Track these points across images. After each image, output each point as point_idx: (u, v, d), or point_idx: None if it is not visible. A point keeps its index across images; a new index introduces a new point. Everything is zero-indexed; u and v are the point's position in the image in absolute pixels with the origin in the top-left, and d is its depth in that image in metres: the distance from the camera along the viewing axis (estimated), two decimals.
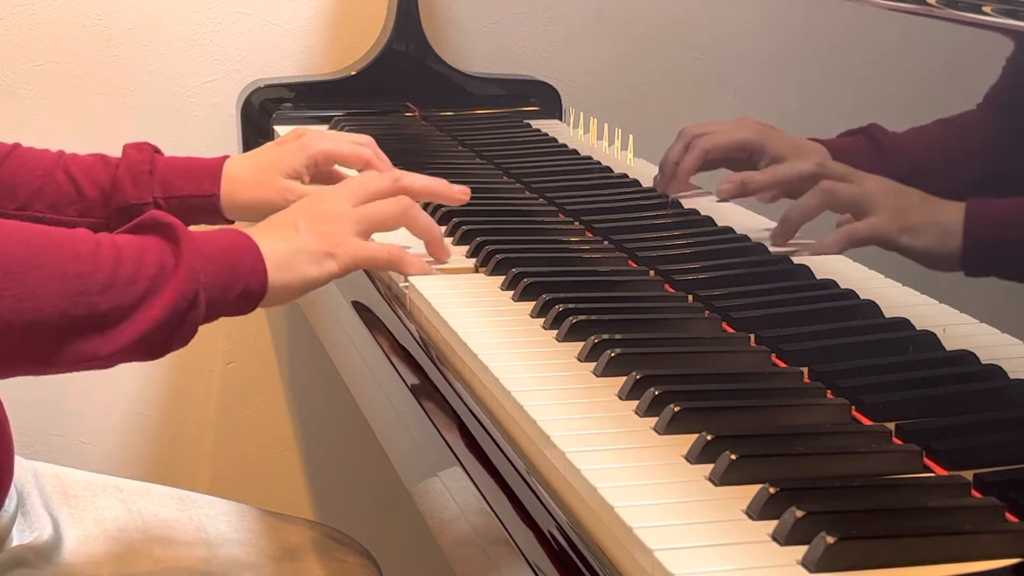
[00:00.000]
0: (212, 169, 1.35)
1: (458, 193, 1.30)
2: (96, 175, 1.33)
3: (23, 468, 1.37)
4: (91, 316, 1.01)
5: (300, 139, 1.37)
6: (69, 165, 1.34)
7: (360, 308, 1.30)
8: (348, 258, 1.16)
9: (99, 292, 1.02)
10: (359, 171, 1.40)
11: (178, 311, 1.04)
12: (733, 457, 0.85)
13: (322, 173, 1.38)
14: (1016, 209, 0.90)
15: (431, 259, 1.26)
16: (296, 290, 1.14)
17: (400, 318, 1.21)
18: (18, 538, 1.25)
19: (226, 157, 1.37)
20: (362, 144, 1.39)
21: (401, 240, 1.26)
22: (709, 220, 1.25)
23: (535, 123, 1.69)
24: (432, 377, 1.10)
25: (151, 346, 1.05)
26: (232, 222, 1.36)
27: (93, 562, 1.28)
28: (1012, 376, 0.90)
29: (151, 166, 1.33)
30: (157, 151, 1.37)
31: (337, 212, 1.18)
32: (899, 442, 0.90)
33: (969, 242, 0.93)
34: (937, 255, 0.97)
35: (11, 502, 1.25)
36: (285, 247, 1.13)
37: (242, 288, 1.09)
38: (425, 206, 1.36)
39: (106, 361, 1.04)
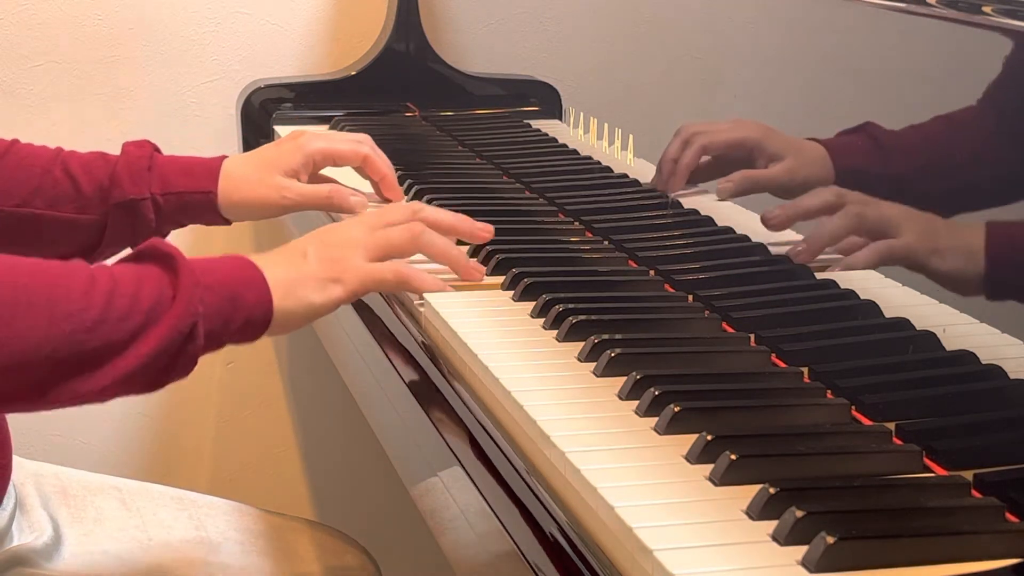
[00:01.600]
0: (210, 167, 1.35)
1: (481, 231, 1.24)
2: (95, 172, 1.33)
3: (23, 469, 1.38)
4: (80, 355, 0.97)
5: (297, 139, 1.37)
6: (67, 162, 1.34)
7: (360, 308, 1.30)
8: (355, 282, 1.11)
9: (89, 330, 0.98)
10: (357, 168, 1.41)
11: (173, 344, 1.00)
12: (733, 457, 0.85)
13: (318, 175, 1.38)
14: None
15: (451, 277, 1.22)
16: (300, 318, 1.09)
17: (400, 318, 1.21)
18: (18, 538, 1.25)
19: (224, 157, 1.37)
20: (359, 142, 1.39)
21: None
22: (709, 220, 1.25)
23: (535, 123, 1.69)
24: (432, 377, 1.10)
25: (146, 380, 1.01)
26: (229, 222, 1.36)
27: (92, 562, 1.28)
28: (1012, 376, 0.90)
29: (150, 162, 1.33)
30: (156, 149, 1.37)
31: (348, 237, 1.15)
32: (899, 442, 0.90)
33: (992, 263, 0.92)
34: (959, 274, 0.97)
35: (9, 500, 1.25)
36: (289, 274, 1.09)
37: (244, 319, 1.05)
38: None
39: (98, 396, 1.00)
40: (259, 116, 1.91)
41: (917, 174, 1.00)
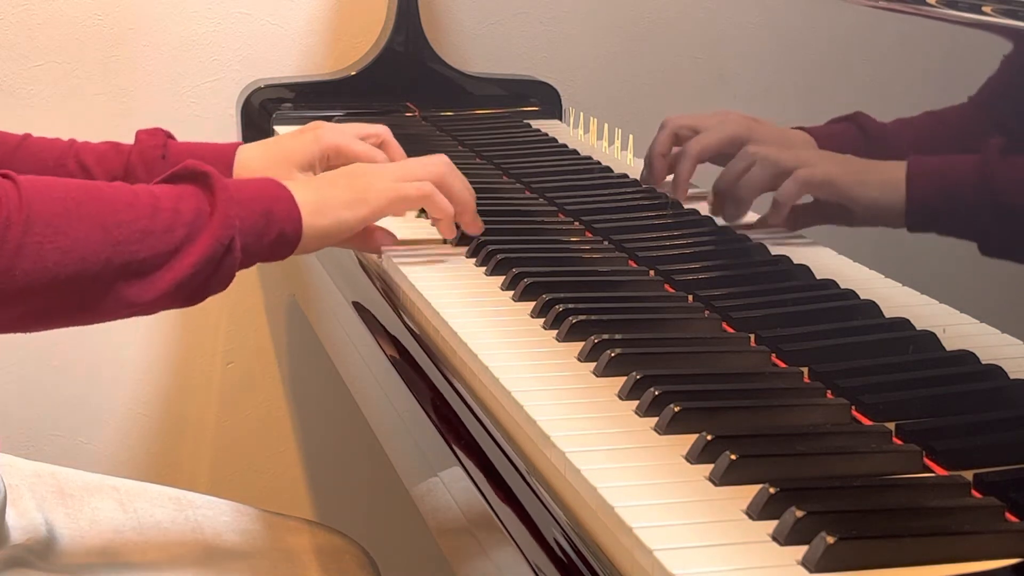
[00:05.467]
0: (224, 155, 1.35)
1: (478, 224, 1.29)
2: (109, 163, 1.34)
3: (20, 469, 1.37)
4: (131, 263, 1.05)
5: (316, 131, 1.37)
6: (80, 153, 1.35)
7: (360, 308, 1.30)
8: (382, 199, 1.20)
9: (139, 240, 1.05)
10: None
11: (214, 257, 1.07)
12: (733, 457, 0.85)
13: (333, 168, 1.38)
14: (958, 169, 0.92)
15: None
16: (331, 234, 1.17)
17: (400, 318, 1.21)
18: (12, 539, 1.25)
19: (238, 144, 1.37)
20: (377, 134, 1.40)
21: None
22: (709, 220, 1.25)
23: (535, 123, 1.69)
24: (432, 377, 1.10)
25: (189, 291, 1.08)
26: None
27: (88, 563, 1.27)
28: (1012, 376, 0.90)
29: (164, 151, 1.34)
30: (170, 136, 1.37)
31: (375, 167, 1.24)
32: (899, 442, 0.90)
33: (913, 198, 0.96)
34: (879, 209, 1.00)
35: None
36: (317, 195, 1.17)
37: (277, 233, 1.13)
38: None
39: (147, 307, 1.07)
40: (259, 116, 1.91)
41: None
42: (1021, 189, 0.89)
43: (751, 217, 1.20)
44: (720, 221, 1.23)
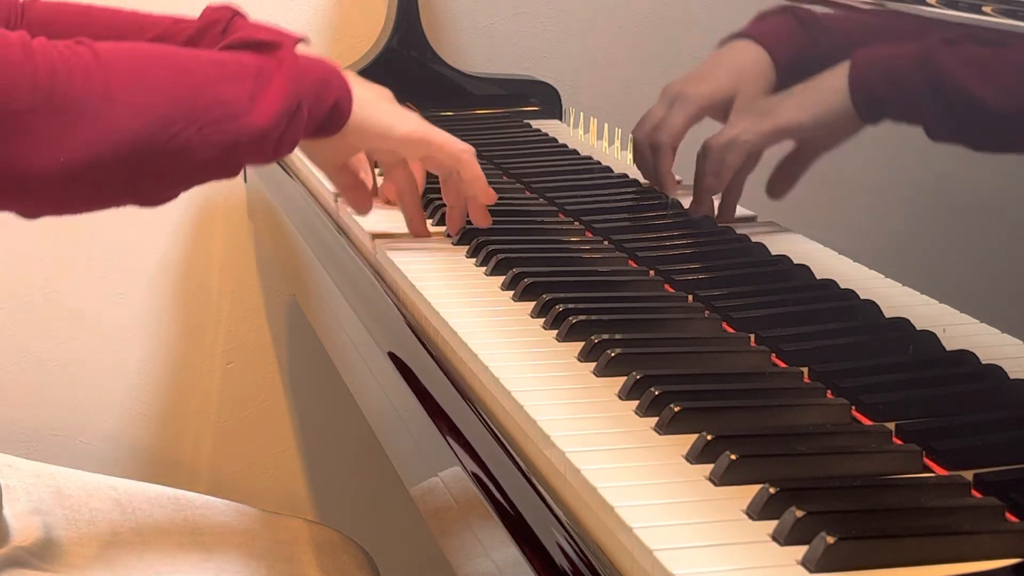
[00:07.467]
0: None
1: (485, 215, 1.30)
2: (175, 36, 1.30)
3: (19, 469, 1.37)
4: (216, 104, 1.05)
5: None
6: (145, 32, 1.32)
7: (360, 307, 1.30)
8: (423, 128, 1.23)
9: (215, 83, 1.06)
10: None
11: (289, 109, 1.08)
12: (733, 457, 0.85)
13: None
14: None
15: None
16: (373, 131, 1.19)
17: (401, 317, 1.21)
18: (12, 537, 1.25)
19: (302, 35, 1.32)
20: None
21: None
22: (709, 220, 1.25)
23: (535, 123, 1.69)
24: (432, 377, 1.10)
25: (266, 145, 1.08)
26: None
27: (86, 564, 1.27)
28: (1012, 376, 0.90)
29: (226, 25, 1.30)
30: (238, 13, 1.31)
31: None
32: (899, 442, 0.90)
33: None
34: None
35: None
36: (370, 96, 1.20)
37: (334, 100, 1.14)
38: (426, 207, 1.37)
39: (227, 158, 1.07)
40: None
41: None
42: (966, 70, 0.89)
43: (748, 214, 1.20)
44: (719, 222, 1.23)
